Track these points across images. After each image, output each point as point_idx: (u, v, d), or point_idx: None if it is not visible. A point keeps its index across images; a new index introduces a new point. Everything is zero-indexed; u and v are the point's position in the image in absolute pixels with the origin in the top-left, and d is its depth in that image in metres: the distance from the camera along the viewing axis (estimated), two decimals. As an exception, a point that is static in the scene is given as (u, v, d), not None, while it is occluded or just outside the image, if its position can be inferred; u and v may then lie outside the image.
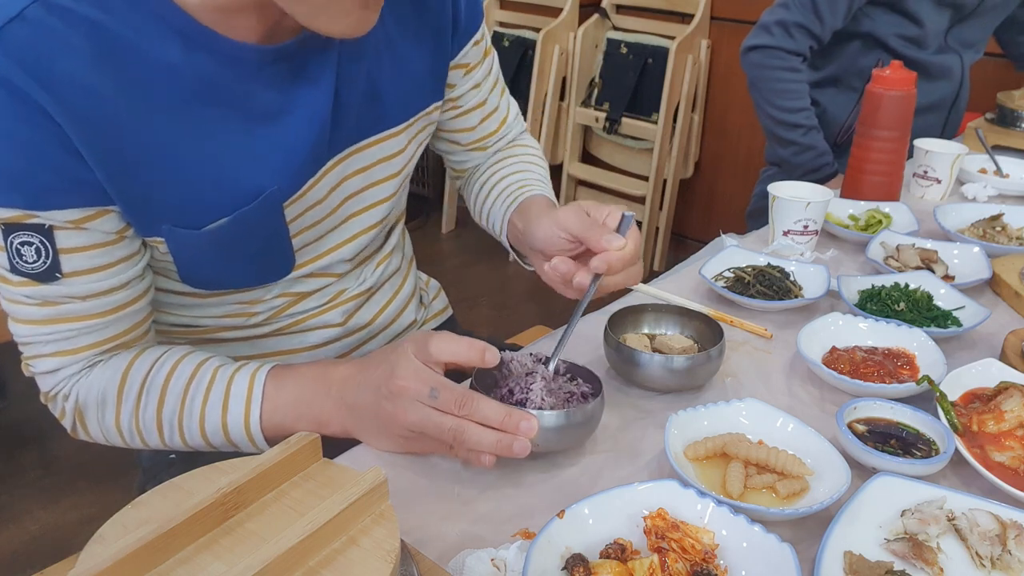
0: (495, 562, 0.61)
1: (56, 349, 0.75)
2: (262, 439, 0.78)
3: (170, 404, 0.77)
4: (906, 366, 0.92)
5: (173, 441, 0.79)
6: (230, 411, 0.77)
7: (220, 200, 0.75)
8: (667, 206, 3.24)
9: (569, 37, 3.26)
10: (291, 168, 0.78)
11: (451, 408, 0.69)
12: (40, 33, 0.64)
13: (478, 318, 2.93)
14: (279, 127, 0.77)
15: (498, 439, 0.68)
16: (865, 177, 1.43)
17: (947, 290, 1.07)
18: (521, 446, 0.69)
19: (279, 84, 0.76)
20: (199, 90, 0.72)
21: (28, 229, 0.69)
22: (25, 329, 0.74)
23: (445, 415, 0.69)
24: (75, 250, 0.71)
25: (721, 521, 0.65)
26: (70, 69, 0.65)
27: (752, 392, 0.88)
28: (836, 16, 1.69)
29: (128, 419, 0.78)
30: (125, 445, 0.81)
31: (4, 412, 2.29)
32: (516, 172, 1.04)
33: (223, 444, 0.79)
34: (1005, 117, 1.82)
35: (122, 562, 0.45)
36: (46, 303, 0.73)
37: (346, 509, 0.50)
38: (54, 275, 0.71)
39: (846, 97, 1.83)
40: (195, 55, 0.70)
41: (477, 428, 0.69)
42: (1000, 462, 0.76)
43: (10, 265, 0.70)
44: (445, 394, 0.69)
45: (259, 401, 0.77)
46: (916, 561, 0.64)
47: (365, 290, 0.97)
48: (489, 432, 0.69)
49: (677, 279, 1.17)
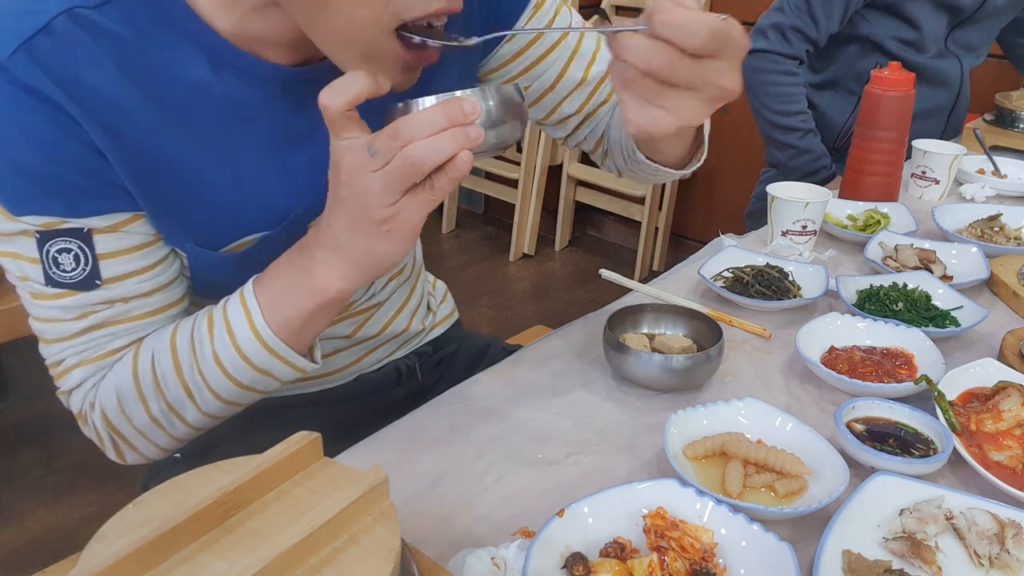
0: (495, 561, 0.62)
1: (82, 359, 0.73)
2: (279, 343, 0.72)
3: (185, 364, 0.73)
4: (904, 366, 0.92)
5: (207, 403, 0.74)
6: (236, 334, 0.72)
7: (244, 221, 0.74)
8: (666, 206, 3.24)
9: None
10: (317, 190, 0.76)
11: (393, 147, 0.61)
12: (67, 45, 0.64)
13: (478, 318, 2.93)
14: (306, 149, 0.76)
15: (452, 135, 0.61)
16: (863, 177, 1.43)
17: (945, 290, 1.07)
18: (475, 131, 0.61)
19: (307, 105, 0.74)
20: (225, 110, 0.71)
21: (66, 235, 0.67)
22: (58, 348, 0.72)
23: (394, 159, 0.61)
24: (115, 254, 0.70)
25: (720, 520, 0.65)
26: (96, 81, 0.65)
27: (751, 392, 0.88)
28: (832, 19, 1.69)
29: (156, 403, 0.74)
30: (170, 439, 0.77)
31: (6, 412, 2.29)
32: None
33: (254, 379, 0.74)
34: (1003, 118, 1.82)
35: (123, 561, 0.45)
36: (84, 314, 0.71)
37: (347, 508, 0.50)
38: (94, 282, 0.69)
39: (844, 101, 1.83)
40: (222, 74, 0.70)
41: (426, 141, 0.60)
42: (998, 461, 0.76)
43: (46, 278, 0.68)
44: (379, 141, 0.61)
45: (256, 308, 0.72)
46: (914, 560, 0.64)
47: (375, 304, 0.96)
48: (439, 135, 0.61)
49: (677, 279, 1.18)
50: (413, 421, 0.84)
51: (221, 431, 0.84)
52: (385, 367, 1.03)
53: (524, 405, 0.87)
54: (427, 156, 0.61)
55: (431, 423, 0.84)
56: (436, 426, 0.83)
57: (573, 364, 0.95)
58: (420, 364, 1.06)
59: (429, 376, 1.07)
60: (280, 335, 0.72)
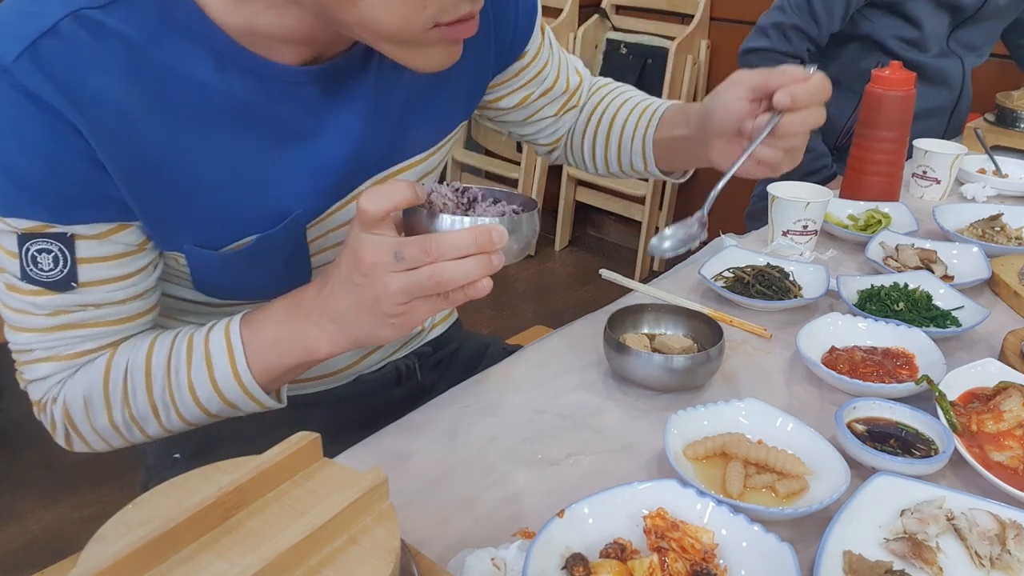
0: (495, 562, 0.61)
1: (52, 354, 0.74)
2: (256, 386, 0.74)
3: (158, 383, 0.74)
4: (905, 366, 0.92)
5: (171, 421, 0.76)
6: (215, 368, 0.73)
7: (244, 221, 0.74)
8: (667, 206, 3.24)
9: (569, 37, 3.26)
10: (318, 191, 0.77)
11: (421, 259, 0.64)
12: (72, 48, 0.63)
13: (478, 318, 2.93)
14: (309, 149, 0.75)
15: (477, 261, 0.64)
16: (864, 177, 1.43)
17: (946, 290, 1.07)
18: (499, 259, 0.65)
19: (312, 105, 0.75)
20: (229, 110, 0.70)
21: (48, 237, 0.67)
22: (26, 337, 0.73)
23: (419, 269, 0.64)
24: (94, 260, 0.70)
25: (721, 521, 0.65)
26: (100, 85, 0.64)
27: (751, 392, 0.88)
28: (832, 19, 1.69)
29: (121, 413, 0.75)
30: (125, 442, 0.79)
31: (5, 412, 2.29)
32: (625, 105, 1.05)
33: (222, 409, 0.76)
34: (1004, 117, 1.82)
35: (123, 561, 0.45)
36: (57, 312, 0.71)
37: (346, 508, 0.50)
38: (70, 284, 0.70)
39: (846, 100, 1.83)
40: (227, 74, 0.69)
41: (454, 264, 0.64)
42: (999, 462, 0.76)
43: (22, 273, 0.69)
44: (408, 250, 0.64)
45: (240, 349, 0.73)
46: (915, 561, 0.64)
47: None
48: (467, 260, 0.64)
49: (677, 279, 1.18)
50: (413, 421, 0.84)
51: (221, 431, 0.84)
52: (385, 367, 1.03)
53: (524, 405, 0.86)
54: (453, 278, 0.64)
55: (431, 423, 0.84)
56: (436, 426, 0.83)
57: (573, 364, 0.95)
58: (420, 364, 1.06)
59: (429, 376, 1.07)
60: (258, 379, 0.74)
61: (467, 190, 0.73)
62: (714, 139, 0.86)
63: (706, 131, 0.86)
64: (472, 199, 0.73)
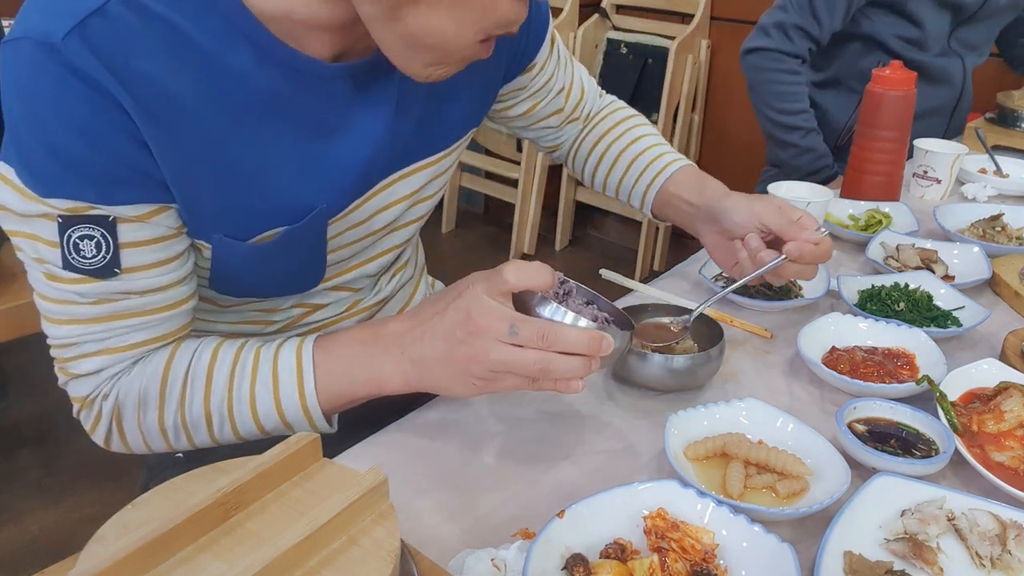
0: (495, 562, 0.61)
1: (104, 347, 0.73)
2: (319, 412, 0.75)
3: (217, 393, 0.74)
4: (906, 366, 0.92)
5: (223, 433, 0.76)
6: (282, 387, 0.74)
7: (273, 213, 0.75)
8: (667, 206, 3.23)
9: (569, 37, 3.26)
10: (342, 187, 0.78)
11: (534, 342, 0.66)
12: (119, 28, 0.63)
13: (478, 318, 2.93)
14: (333, 144, 0.76)
15: (582, 363, 0.67)
16: (865, 177, 1.43)
17: (947, 290, 1.07)
18: (597, 365, 0.68)
19: (339, 102, 0.75)
20: (265, 101, 0.71)
21: (90, 222, 0.67)
22: (70, 329, 0.72)
23: (528, 350, 0.66)
24: (137, 244, 0.70)
25: (721, 521, 0.65)
26: (144, 66, 0.64)
27: (752, 392, 0.88)
28: (834, 18, 1.69)
29: (173, 416, 0.75)
30: (167, 448, 0.78)
31: (5, 412, 2.29)
32: (639, 141, 1.08)
33: (277, 427, 0.76)
34: (1005, 117, 1.82)
35: (122, 562, 0.45)
36: (101, 300, 0.70)
37: (346, 509, 0.50)
38: (113, 271, 0.69)
39: (847, 99, 1.83)
40: (265, 66, 0.70)
41: (563, 358, 0.67)
42: (1000, 462, 0.76)
43: (64, 262, 0.68)
44: (526, 329, 0.66)
45: (311, 371, 0.74)
46: (916, 561, 0.64)
47: (380, 300, 0.97)
48: (574, 358, 0.67)
49: (677, 279, 1.18)
50: (413, 421, 0.84)
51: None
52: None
53: (524, 405, 0.86)
54: (557, 370, 0.67)
55: (431, 423, 0.84)
56: (436, 426, 0.83)
57: (574, 364, 0.95)
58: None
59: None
60: (323, 404, 0.75)
61: (565, 282, 0.75)
62: (714, 233, 0.99)
63: (710, 219, 0.98)
64: (567, 292, 0.75)
